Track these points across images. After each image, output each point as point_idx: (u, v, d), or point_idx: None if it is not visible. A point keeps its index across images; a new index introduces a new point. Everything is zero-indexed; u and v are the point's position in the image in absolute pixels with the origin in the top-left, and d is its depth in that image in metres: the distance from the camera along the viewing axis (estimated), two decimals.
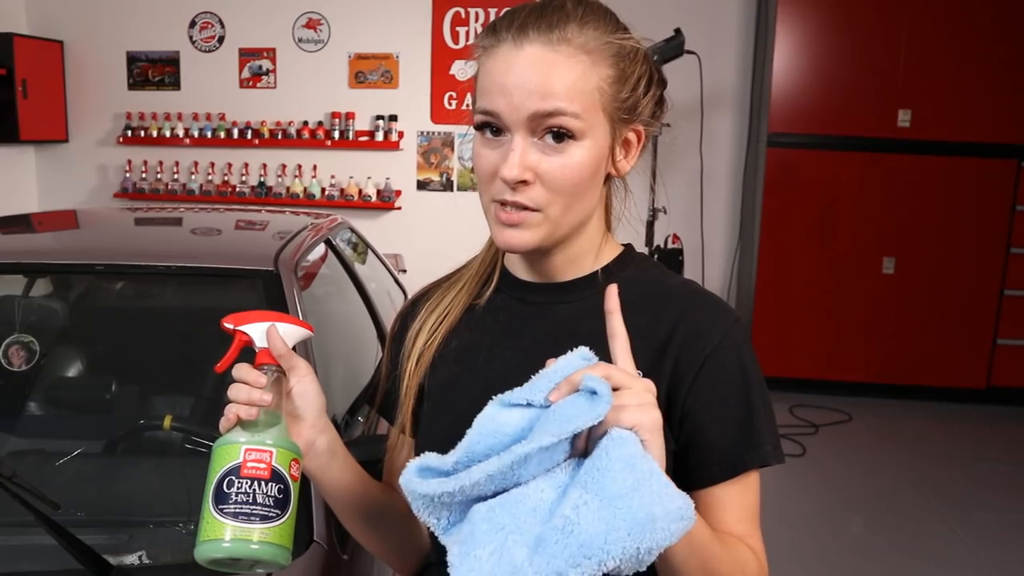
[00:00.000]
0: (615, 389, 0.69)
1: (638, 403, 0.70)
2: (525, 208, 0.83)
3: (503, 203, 0.83)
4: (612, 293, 0.76)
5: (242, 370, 0.83)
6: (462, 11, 5.06)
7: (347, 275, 2.52)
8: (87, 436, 1.89)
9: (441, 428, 0.91)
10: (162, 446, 1.79)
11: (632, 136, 0.88)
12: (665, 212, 4.34)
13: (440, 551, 0.94)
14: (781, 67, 4.61)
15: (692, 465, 0.85)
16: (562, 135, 0.81)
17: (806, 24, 4.60)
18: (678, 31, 4.06)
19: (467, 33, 5.07)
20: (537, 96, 0.79)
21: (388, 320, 2.55)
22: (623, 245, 0.96)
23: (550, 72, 0.80)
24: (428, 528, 0.97)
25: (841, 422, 4.46)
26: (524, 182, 0.81)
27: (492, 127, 0.83)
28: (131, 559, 1.37)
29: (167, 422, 1.68)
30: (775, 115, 4.64)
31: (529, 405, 0.72)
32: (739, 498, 0.85)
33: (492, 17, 4.98)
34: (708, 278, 5.00)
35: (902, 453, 4.12)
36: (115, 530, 1.45)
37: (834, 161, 4.68)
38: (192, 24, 5.28)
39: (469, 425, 0.88)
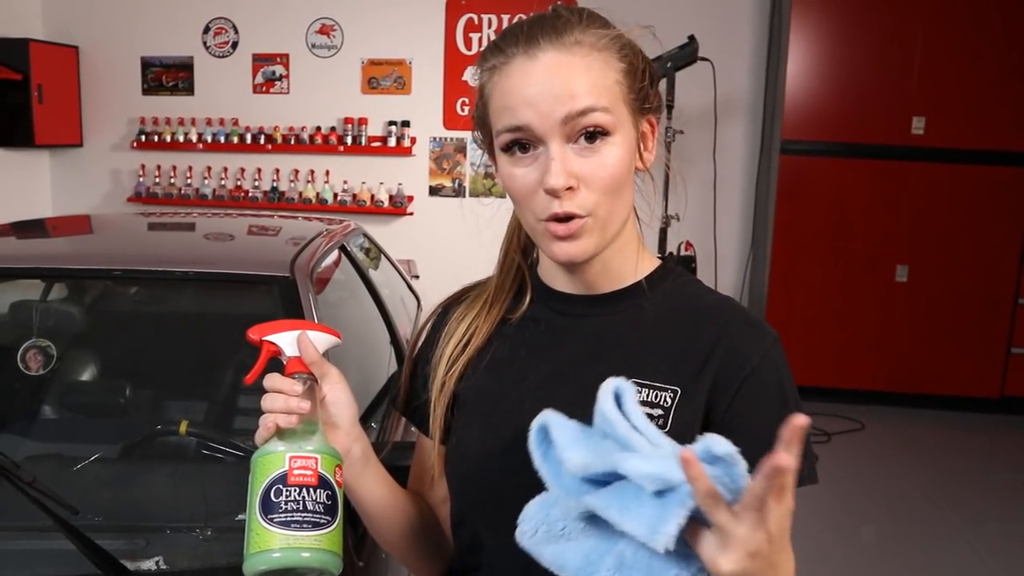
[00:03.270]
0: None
1: (749, 549, 0.64)
2: (575, 216, 0.81)
3: (556, 218, 0.81)
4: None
5: (275, 379, 0.81)
6: (475, 17, 5.08)
7: (361, 281, 2.53)
8: (103, 440, 1.89)
9: (474, 438, 0.91)
10: (179, 451, 1.80)
11: (647, 128, 0.89)
12: (678, 219, 4.33)
13: (464, 558, 0.94)
14: (794, 74, 4.61)
15: None
16: (595, 134, 0.80)
17: (820, 31, 4.60)
18: (692, 38, 4.06)
19: (479, 39, 5.08)
20: (565, 99, 0.79)
21: (402, 326, 2.56)
22: (660, 258, 0.96)
23: (570, 74, 0.80)
24: (452, 536, 0.98)
25: (853, 430, 4.44)
26: (570, 188, 0.80)
27: (521, 144, 0.82)
28: (148, 564, 1.38)
29: (183, 427, 1.68)
30: (788, 122, 4.64)
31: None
32: None
33: (505, 23, 5.00)
34: (721, 285, 4.98)
35: (914, 462, 4.10)
36: (132, 535, 1.45)
37: (847, 168, 4.67)
38: (206, 30, 5.31)
39: (502, 436, 0.87)
